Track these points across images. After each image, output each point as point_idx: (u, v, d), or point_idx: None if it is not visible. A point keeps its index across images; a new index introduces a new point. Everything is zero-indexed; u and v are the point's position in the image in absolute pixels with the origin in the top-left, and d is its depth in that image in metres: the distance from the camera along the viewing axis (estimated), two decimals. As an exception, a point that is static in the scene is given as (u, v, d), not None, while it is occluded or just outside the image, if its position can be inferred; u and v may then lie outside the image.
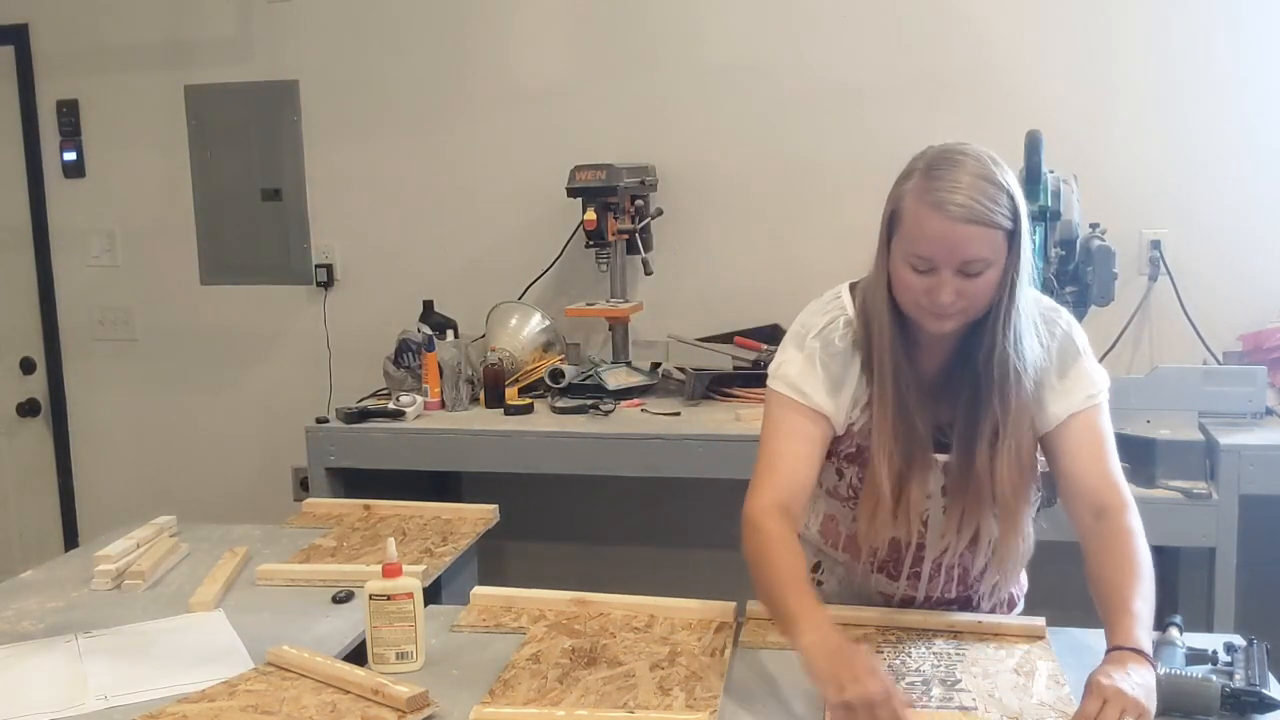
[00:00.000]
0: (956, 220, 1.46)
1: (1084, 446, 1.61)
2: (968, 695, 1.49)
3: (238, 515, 2.63)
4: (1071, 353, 1.62)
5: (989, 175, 1.49)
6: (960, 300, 1.50)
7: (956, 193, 1.47)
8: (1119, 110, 3.04)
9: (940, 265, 1.48)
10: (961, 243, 1.46)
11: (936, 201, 1.47)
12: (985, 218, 1.46)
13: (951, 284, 1.48)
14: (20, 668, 1.69)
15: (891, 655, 1.61)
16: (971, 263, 1.48)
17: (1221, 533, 2.43)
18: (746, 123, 3.26)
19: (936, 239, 1.47)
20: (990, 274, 1.49)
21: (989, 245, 1.47)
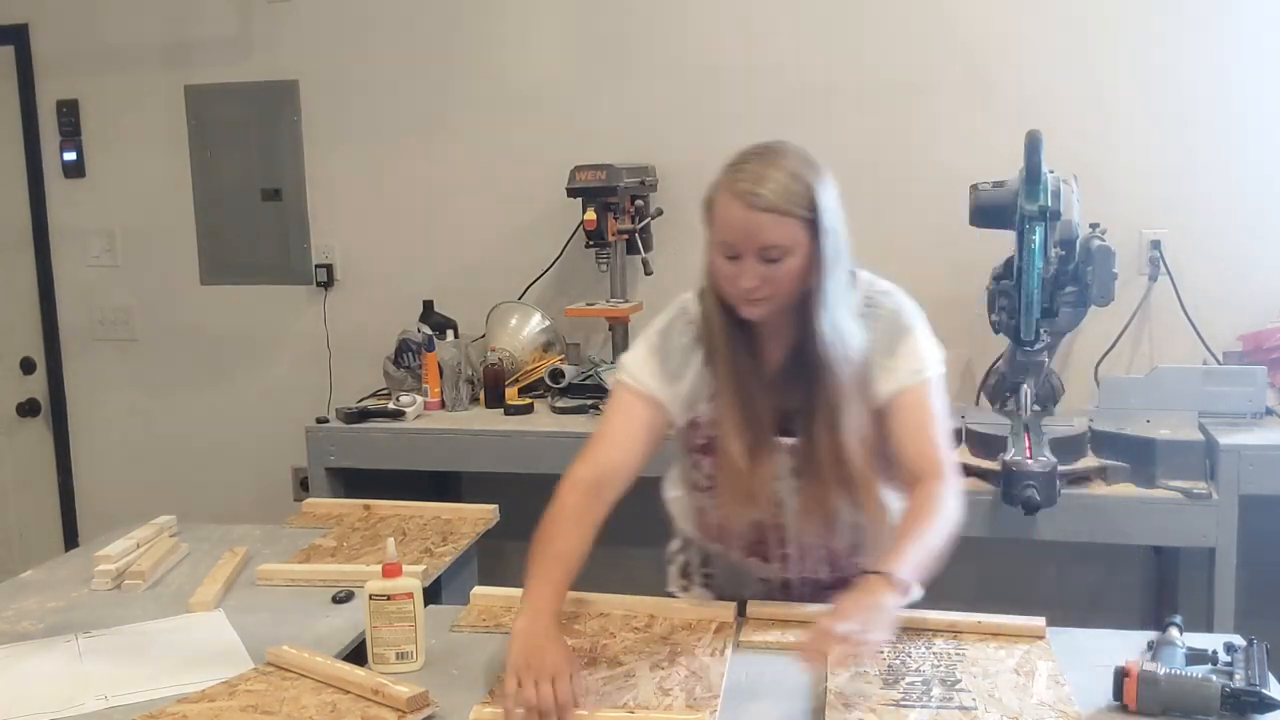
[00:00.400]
0: (752, 208, 1.58)
1: (909, 421, 1.67)
2: (968, 695, 1.49)
3: (238, 515, 2.63)
4: (899, 331, 1.70)
5: (788, 168, 1.61)
6: (765, 286, 1.60)
7: (754, 183, 1.59)
8: (1119, 110, 3.04)
9: (743, 251, 1.60)
10: (757, 229, 1.58)
11: (736, 191, 1.60)
12: (778, 206, 1.57)
13: (753, 270, 1.60)
14: (20, 668, 1.69)
15: (891, 655, 1.61)
16: (769, 249, 1.59)
17: (1221, 533, 2.43)
18: (746, 123, 3.26)
19: (736, 226, 1.60)
20: (792, 261, 1.60)
21: (785, 233, 1.58)
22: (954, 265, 3.10)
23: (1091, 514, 2.47)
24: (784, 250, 1.59)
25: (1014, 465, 2.34)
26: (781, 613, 1.77)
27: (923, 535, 1.57)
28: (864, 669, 1.56)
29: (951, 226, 2.77)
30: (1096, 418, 2.67)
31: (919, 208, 3.14)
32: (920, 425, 1.67)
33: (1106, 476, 2.52)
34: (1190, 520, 2.43)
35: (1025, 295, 2.40)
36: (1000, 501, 2.39)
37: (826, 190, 1.63)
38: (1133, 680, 1.43)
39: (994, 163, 2.65)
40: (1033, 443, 2.41)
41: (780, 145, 1.67)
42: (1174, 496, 2.44)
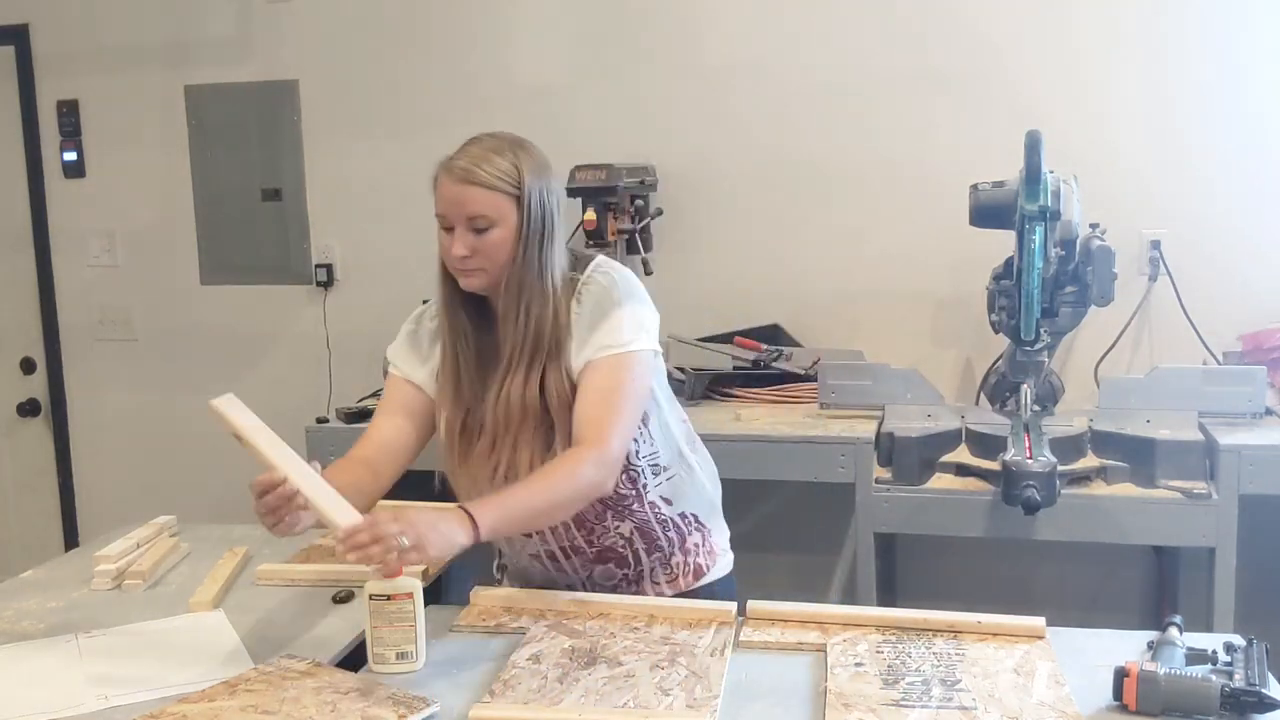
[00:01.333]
0: (457, 180, 1.73)
1: (588, 388, 1.74)
2: (968, 695, 1.49)
3: (238, 515, 2.62)
4: (605, 307, 1.76)
5: (498, 149, 1.75)
6: (476, 257, 1.72)
7: (461, 159, 1.74)
8: (1119, 110, 3.04)
9: (454, 221, 1.73)
10: (462, 200, 1.72)
11: (448, 168, 1.75)
12: (481, 179, 1.72)
13: (463, 239, 1.72)
14: (20, 668, 1.69)
15: (892, 655, 1.61)
16: (475, 219, 1.72)
17: (1221, 533, 2.42)
18: (746, 123, 3.26)
19: (446, 198, 1.74)
20: (497, 232, 1.72)
21: (489, 205, 1.72)
22: (954, 265, 3.10)
23: (1091, 514, 2.46)
24: (489, 221, 1.72)
25: (1014, 465, 2.34)
26: (782, 613, 1.77)
27: (531, 492, 1.67)
28: (862, 667, 1.56)
29: (951, 226, 2.77)
30: (1096, 418, 2.67)
31: (919, 207, 3.14)
32: (597, 394, 1.73)
33: (1106, 476, 2.52)
34: (1190, 520, 2.43)
35: (1025, 295, 2.40)
36: (1000, 501, 2.39)
37: (538, 174, 1.76)
38: (1133, 680, 1.43)
39: (994, 163, 2.65)
40: (1033, 443, 2.41)
41: (504, 133, 1.81)
42: (1174, 496, 2.44)
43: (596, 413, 1.72)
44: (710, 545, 1.96)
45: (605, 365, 1.74)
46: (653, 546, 1.88)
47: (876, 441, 2.66)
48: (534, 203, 1.74)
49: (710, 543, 1.96)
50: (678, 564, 1.91)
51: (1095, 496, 2.47)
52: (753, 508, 3.30)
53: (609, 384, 1.73)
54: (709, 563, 1.95)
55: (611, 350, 1.74)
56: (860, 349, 3.09)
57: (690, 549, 1.92)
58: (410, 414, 1.86)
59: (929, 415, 2.74)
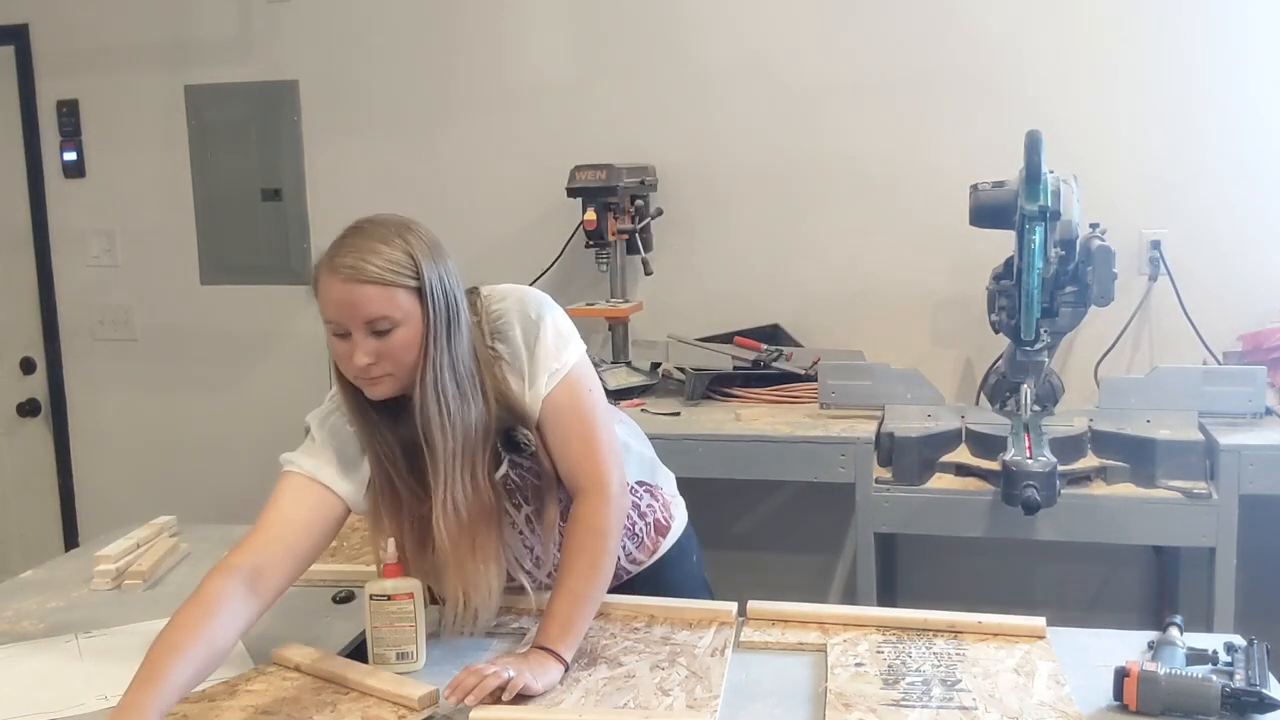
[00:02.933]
0: (348, 281, 1.52)
1: (557, 430, 1.66)
2: (968, 695, 1.49)
3: (238, 515, 2.62)
4: (529, 342, 1.65)
5: (383, 237, 1.56)
6: (381, 363, 1.54)
7: (347, 256, 1.53)
8: (1119, 110, 3.04)
9: (351, 327, 1.53)
10: (355, 302, 1.52)
11: (332, 267, 1.53)
12: (377, 276, 1.52)
13: (364, 345, 1.53)
14: (20, 668, 1.69)
15: (892, 655, 1.61)
16: (375, 321, 1.52)
17: (1221, 533, 2.42)
18: (746, 122, 3.26)
19: (336, 301, 1.53)
20: (402, 332, 1.54)
21: (389, 303, 1.53)
22: (954, 265, 3.10)
23: (1091, 514, 2.46)
24: (392, 321, 1.53)
25: (1014, 465, 2.34)
26: (782, 613, 1.77)
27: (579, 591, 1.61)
28: (863, 667, 1.56)
29: (951, 226, 2.77)
30: (1096, 418, 2.66)
31: (919, 207, 3.14)
32: (569, 432, 1.66)
33: (1106, 476, 2.52)
34: (1190, 520, 2.43)
35: (1025, 295, 2.40)
36: (1000, 501, 2.39)
37: (433, 256, 1.60)
38: (1133, 680, 1.44)
39: (994, 163, 2.65)
40: (1033, 443, 2.41)
41: (379, 217, 1.63)
42: (1174, 496, 2.44)
43: (580, 454, 1.66)
44: (663, 499, 1.93)
45: (561, 396, 1.65)
46: None
47: (876, 441, 2.66)
48: (437, 290, 1.57)
49: (662, 496, 1.93)
50: (641, 530, 1.88)
51: (1095, 496, 2.47)
52: (753, 508, 3.30)
53: (573, 415, 1.66)
54: (667, 516, 1.92)
55: (558, 375, 1.65)
56: (860, 349, 3.09)
57: (645, 511, 1.89)
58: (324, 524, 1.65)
59: (929, 415, 2.74)
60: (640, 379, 3.12)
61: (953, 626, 1.69)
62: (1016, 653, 1.62)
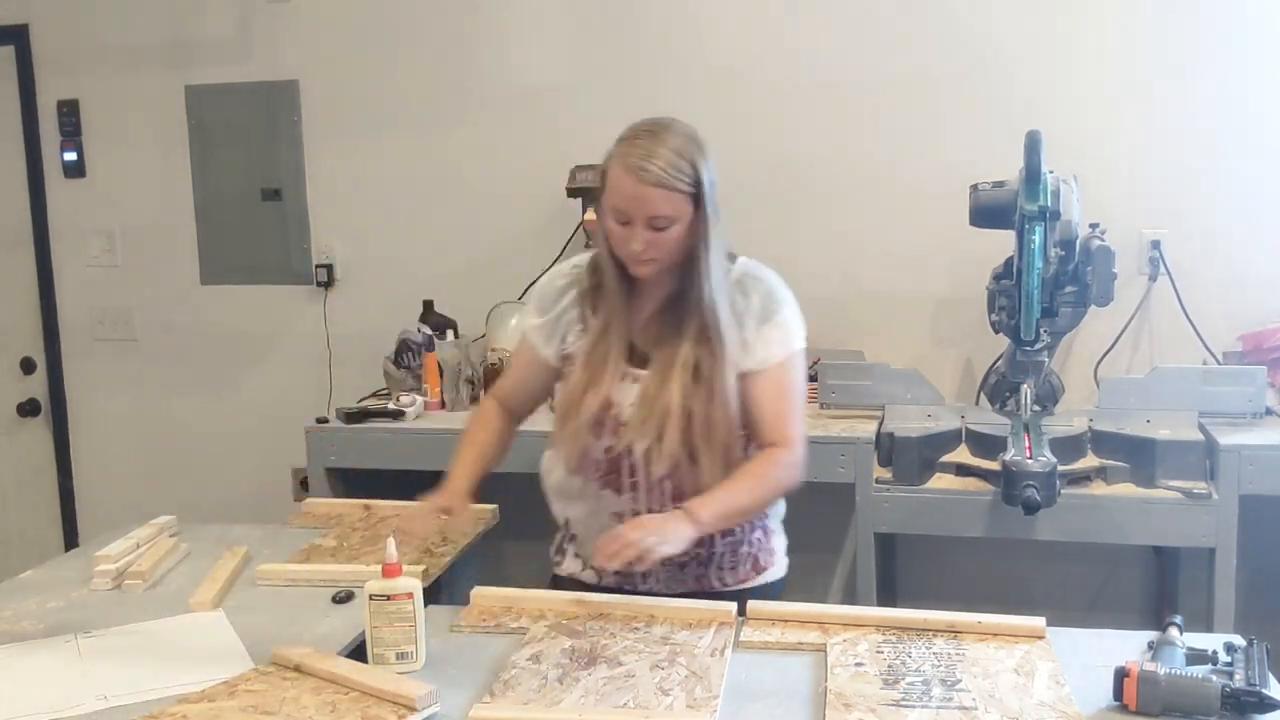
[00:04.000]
0: (644, 182, 1.74)
1: (770, 390, 1.85)
2: (968, 695, 1.49)
3: (238, 515, 2.63)
4: (771, 308, 1.87)
5: (677, 147, 1.77)
6: (651, 250, 1.78)
7: (645, 160, 1.75)
8: (1119, 110, 3.04)
9: (633, 219, 1.77)
10: (646, 201, 1.75)
11: (629, 166, 1.76)
12: (667, 182, 1.74)
13: (641, 235, 1.77)
14: (20, 668, 1.69)
15: (892, 655, 1.61)
16: (657, 218, 1.76)
17: (1221, 533, 2.43)
18: (746, 123, 3.26)
19: (629, 197, 1.76)
20: (676, 229, 1.78)
21: (671, 204, 1.76)
22: (954, 265, 3.10)
23: (1091, 514, 2.47)
24: (669, 220, 1.76)
25: (1014, 465, 2.34)
26: (782, 613, 1.77)
27: (738, 490, 1.79)
28: (863, 667, 1.56)
29: (951, 226, 2.77)
30: (1096, 418, 2.67)
31: (919, 207, 3.14)
32: (779, 396, 1.85)
33: (1106, 476, 2.52)
34: (1190, 520, 2.43)
35: (1025, 295, 2.40)
36: (1000, 501, 2.39)
37: (709, 168, 1.79)
38: (1133, 680, 1.44)
39: (994, 163, 2.65)
40: (1033, 443, 2.41)
41: (670, 122, 1.81)
42: (1174, 496, 2.44)
43: (780, 412, 1.83)
44: (771, 546, 2.01)
45: (784, 365, 1.85)
46: (729, 534, 1.92)
47: (876, 441, 2.66)
48: (709, 198, 1.79)
49: (771, 544, 2.01)
50: (744, 554, 1.95)
51: (1095, 496, 2.47)
52: (753, 508, 3.30)
53: (786, 383, 1.85)
54: (768, 561, 1.99)
55: (789, 349, 1.86)
56: (860, 349, 3.09)
57: (755, 542, 1.97)
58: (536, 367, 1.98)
59: (929, 415, 2.74)
60: (640, 379, 3.12)
61: (952, 626, 1.69)
62: (1016, 653, 1.62)
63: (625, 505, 1.89)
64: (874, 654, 1.62)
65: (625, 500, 1.89)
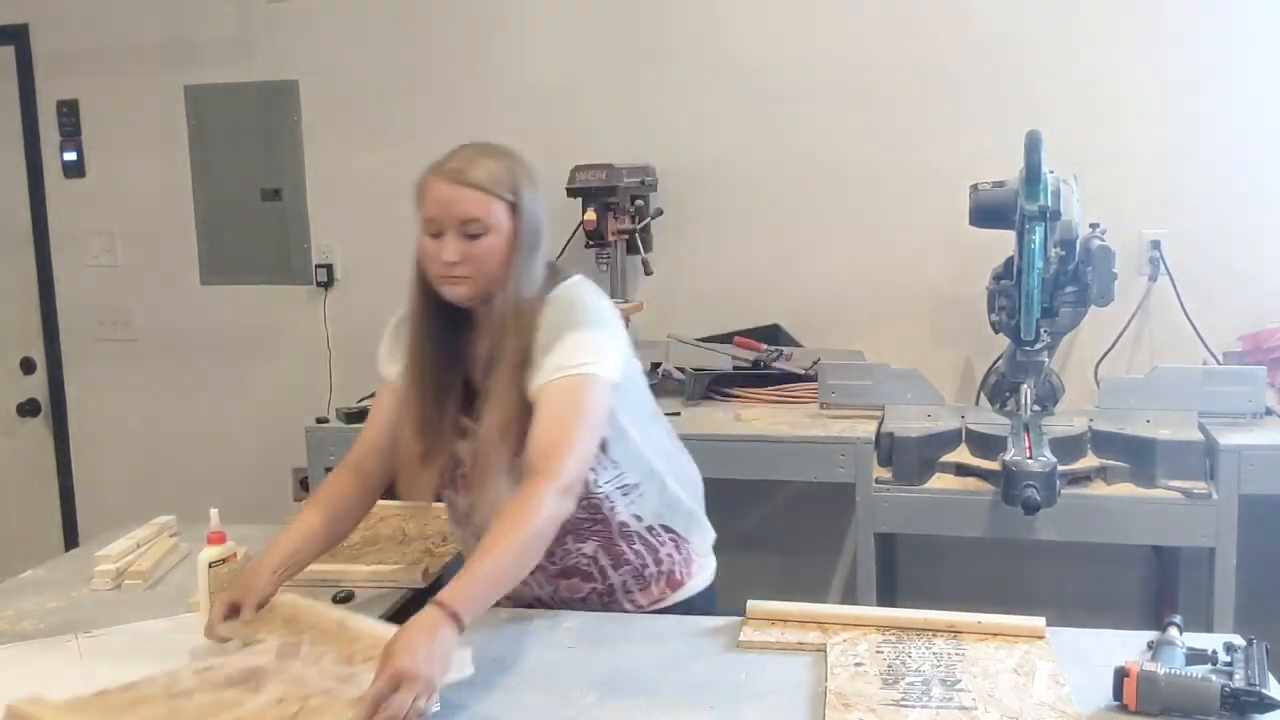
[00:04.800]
0: (452, 182, 1.68)
1: (543, 413, 1.65)
2: (968, 695, 1.49)
3: (238, 515, 2.63)
4: (563, 328, 1.69)
5: (491, 153, 1.73)
6: (466, 264, 1.68)
7: (455, 160, 1.71)
8: (1119, 110, 3.04)
9: (445, 226, 1.68)
10: (457, 201, 1.67)
11: (439, 168, 1.71)
12: (478, 182, 1.68)
13: (454, 244, 1.68)
14: (20, 668, 1.69)
15: (892, 655, 1.61)
16: (468, 223, 1.67)
17: (1221, 533, 2.42)
18: (747, 122, 3.26)
19: (438, 199, 1.69)
20: (490, 239, 1.68)
21: (484, 208, 1.68)
22: (954, 265, 3.10)
23: (1091, 514, 2.46)
24: (484, 226, 1.68)
25: (1014, 465, 2.33)
26: (781, 612, 1.77)
27: (494, 553, 1.52)
28: (862, 666, 1.56)
29: (951, 226, 2.77)
30: (1096, 418, 2.66)
31: (919, 207, 3.14)
32: (551, 418, 1.63)
33: (1106, 476, 2.52)
34: (1190, 520, 2.43)
35: (1025, 295, 2.40)
36: (1000, 501, 2.39)
37: (530, 182, 1.74)
38: (1132, 680, 1.43)
39: (994, 163, 2.65)
40: (1033, 443, 2.41)
41: (493, 143, 1.78)
42: (1174, 496, 2.44)
43: (551, 438, 1.61)
44: (687, 554, 1.92)
45: (560, 387, 1.64)
46: (619, 562, 1.84)
47: (876, 441, 2.66)
48: (528, 211, 1.72)
49: (687, 551, 1.92)
50: (651, 575, 1.87)
51: (1095, 496, 2.47)
52: (753, 508, 3.30)
53: (564, 407, 1.64)
54: (685, 573, 1.92)
55: (565, 372, 1.65)
56: (860, 349, 3.09)
57: (664, 559, 1.88)
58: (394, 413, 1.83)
59: (929, 415, 2.74)
60: (640, 379, 3.12)
61: (952, 626, 1.69)
62: (1016, 653, 1.62)
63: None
64: (874, 654, 1.62)
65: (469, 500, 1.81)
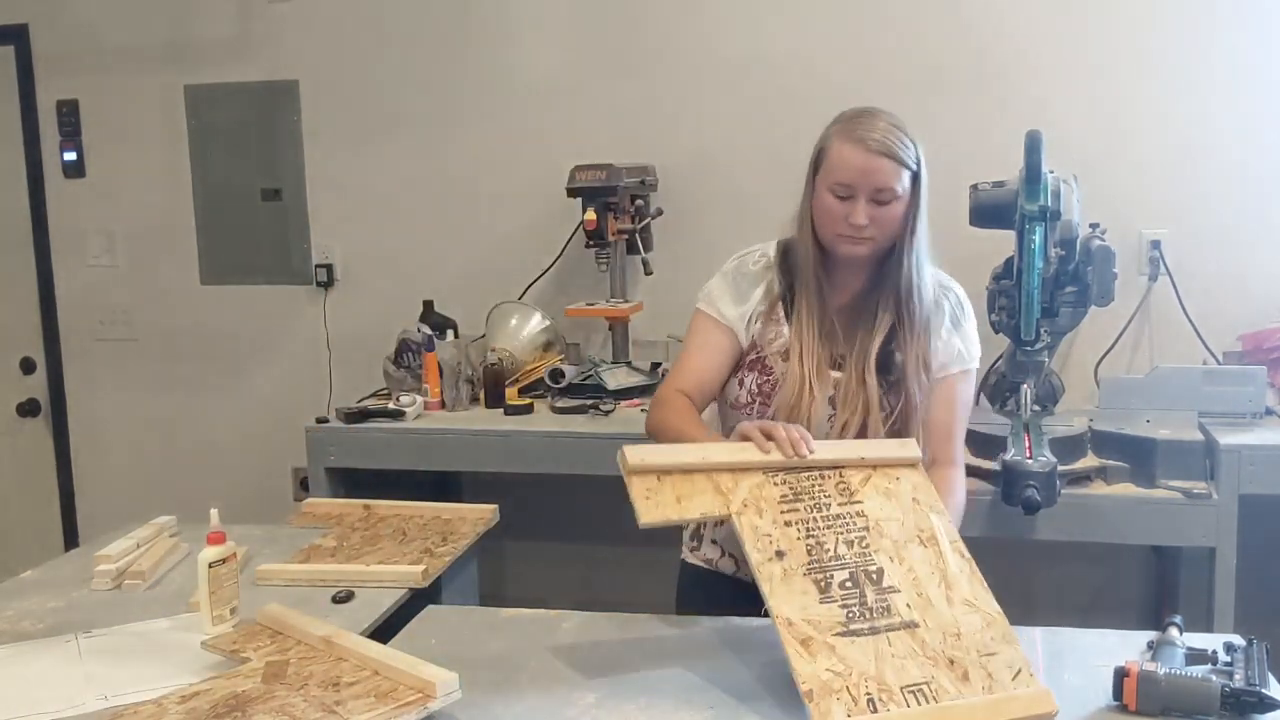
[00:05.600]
0: (872, 152, 1.75)
1: (946, 403, 1.86)
2: (900, 599, 1.53)
3: (238, 515, 2.63)
4: (962, 316, 1.90)
5: (900, 125, 1.79)
6: (872, 226, 1.77)
7: (874, 131, 1.76)
8: (1119, 110, 3.04)
9: (858, 191, 1.76)
10: (875, 171, 1.75)
11: (857, 137, 1.76)
12: (895, 153, 1.75)
13: (865, 209, 1.76)
14: (20, 668, 1.69)
15: (800, 528, 1.60)
16: (883, 190, 1.76)
17: (1221, 533, 2.43)
18: (747, 122, 3.26)
19: (855, 167, 1.76)
20: (897, 206, 1.78)
21: (897, 178, 1.76)
22: (954, 265, 3.09)
23: (1091, 514, 2.47)
24: (894, 194, 1.76)
25: (1014, 465, 2.33)
26: (663, 465, 1.70)
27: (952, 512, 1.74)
28: (783, 557, 1.56)
29: (951, 226, 2.76)
30: (1096, 418, 2.66)
31: (919, 208, 3.14)
32: (953, 411, 1.86)
33: (1106, 476, 2.52)
34: (1190, 520, 2.43)
35: (1025, 295, 2.40)
36: (1000, 501, 2.39)
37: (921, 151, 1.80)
38: (1132, 680, 1.44)
39: (994, 163, 2.64)
40: (1033, 443, 2.41)
41: (889, 111, 1.81)
42: (1174, 496, 2.44)
43: (950, 427, 1.84)
44: None
45: (963, 379, 1.87)
46: None
47: (876, 441, 2.65)
48: (924, 180, 1.80)
49: None
50: None
51: (1095, 496, 2.47)
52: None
53: (959, 397, 1.86)
54: None
55: (970, 364, 1.88)
56: (860, 349, 3.08)
57: None
58: (725, 355, 1.89)
59: (929, 415, 2.73)
60: (640, 379, 3.12)
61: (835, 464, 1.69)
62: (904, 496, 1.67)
63: None
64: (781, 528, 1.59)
65: None
